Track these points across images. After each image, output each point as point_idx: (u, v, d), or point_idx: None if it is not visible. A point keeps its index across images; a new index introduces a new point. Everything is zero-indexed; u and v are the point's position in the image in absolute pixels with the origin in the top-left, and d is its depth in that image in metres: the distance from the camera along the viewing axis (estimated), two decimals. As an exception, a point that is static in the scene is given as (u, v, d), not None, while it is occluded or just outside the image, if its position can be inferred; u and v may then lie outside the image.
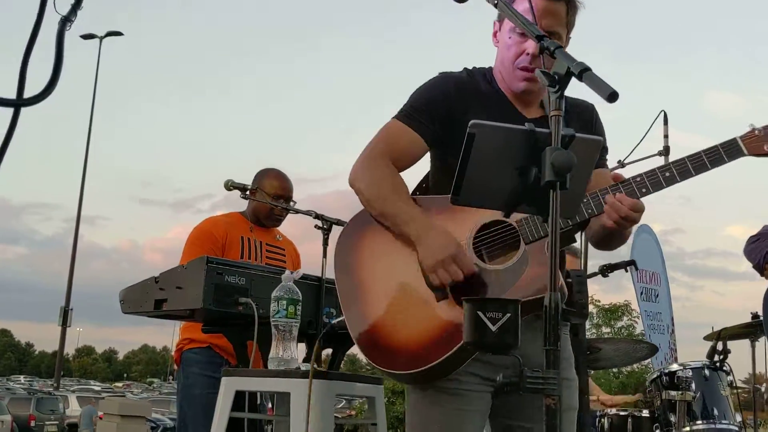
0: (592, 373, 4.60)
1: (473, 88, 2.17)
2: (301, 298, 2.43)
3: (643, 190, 1.94)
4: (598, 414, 4.23)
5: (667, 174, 1.92)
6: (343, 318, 2.03)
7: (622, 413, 4.05)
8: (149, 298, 2.66)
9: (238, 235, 3.68)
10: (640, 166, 3.66)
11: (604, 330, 24.50)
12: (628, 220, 1.95)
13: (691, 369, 3.72)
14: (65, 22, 1.33)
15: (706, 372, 3.72)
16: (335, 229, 2.92)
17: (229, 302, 2.52)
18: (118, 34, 28.05)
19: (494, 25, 2.21)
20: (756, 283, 2.96)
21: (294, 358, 2.36)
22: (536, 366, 2.01)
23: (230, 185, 3.41)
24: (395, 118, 2.17)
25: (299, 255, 3.95)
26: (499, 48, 2.18)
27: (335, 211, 3.08)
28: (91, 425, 17.44)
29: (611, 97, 1.56)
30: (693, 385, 3.66)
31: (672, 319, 6.99)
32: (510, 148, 1.65)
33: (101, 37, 27.33)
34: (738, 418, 3.75)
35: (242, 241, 3.68)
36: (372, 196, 2.09)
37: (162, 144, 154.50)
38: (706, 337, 4.05)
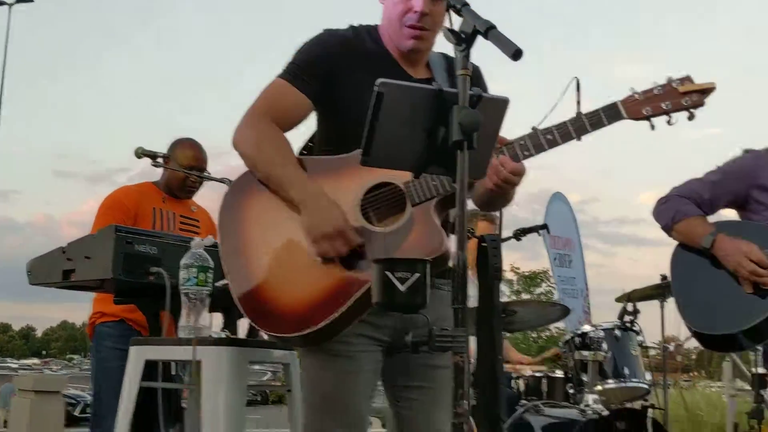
0: (509, 335, 4.69)
1: (358, 47, 2.13)
2: (212, 266, 2.38)
3: (526, 153, 1.95)
4: (514, 375, 4.33)
5: (549, 137, 1.94)
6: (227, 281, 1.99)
7: (537, 374, 4.16)
8: (57, 269, 2.57)
9: (150, 206, 3.59)
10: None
11: (525, 296, 25.12)
12: (509, 183, 1.98)
13: (603, 330, 3.83)
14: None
15: (617, 332, 3.83)
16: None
17: (139, 272, 2.45)
18: (29, 0, 26.87)
19: None
20: (667, 247, 3.06)
21: (206, 326, 2.32)
22: (418, 325, 2.03)
23: (140, 153, 3.30)
24: (279, 77, 2.11)
25: (215, 225, 3.88)
26: (385, 5, 2.13)
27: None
28: (9, 404, 16.92)
29: (516, 54, 1.56)
30: (604, 346, 3.77)
31: (586, 284, 7.20)
32: (418, 108, 1.64)
33: (10, 4, 26.16)
34: (648, 377, 3.89)
35: (154, 212, 3.59)
36: (256, 158, 2.04)
37: (77, 115, 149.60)
38: (618, 299, 4.17)
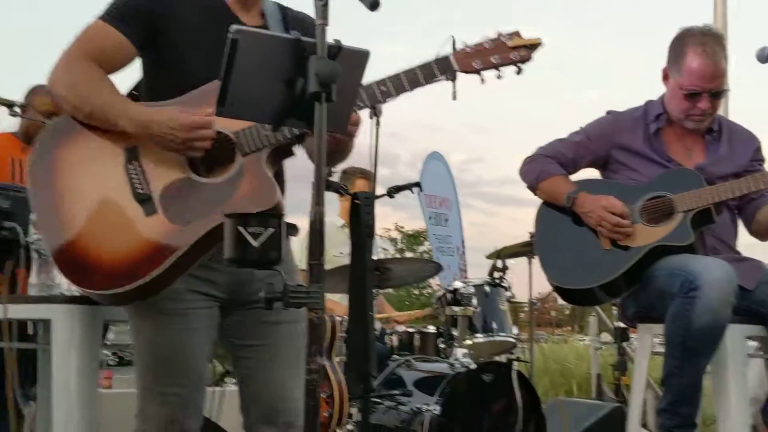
0: (383, 292, 4.73)
1: None
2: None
3: (360, 104, 1.93)
4: (388, 331, 4.38)
5: (383, 88, 1.92)
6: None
7: (410, 330, 4.21)
8: None
9: (7, 157, 3.42)
10: (427, 89, 3.72)
11: (408, 254, 25.59)
12: (349, 135, 1.96)
13: (473, 286, 3.90)
14: None
15: (487, 288, 3.91)
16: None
17: (-11, 226, 2.31)
18: None
19: None
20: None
21: (57, 283, 2.21)
22: (244, 280, 2.00)
23: None
24: (99, 19, 1.98)
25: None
26: None
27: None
28: None
29: (373, 5, 1.54)
30: (474, 301, 3.85)
31: (463, 242, 7.35)
32: (275, 57, 1.58)
33: None
34: (515, 331, 4.01)
35: (12, 163, 3.41)
36: (77, 98, 1.91)
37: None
38: (488, 256, 4.27)
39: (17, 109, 3.24)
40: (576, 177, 3.08)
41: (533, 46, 1.99)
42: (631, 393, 3.08)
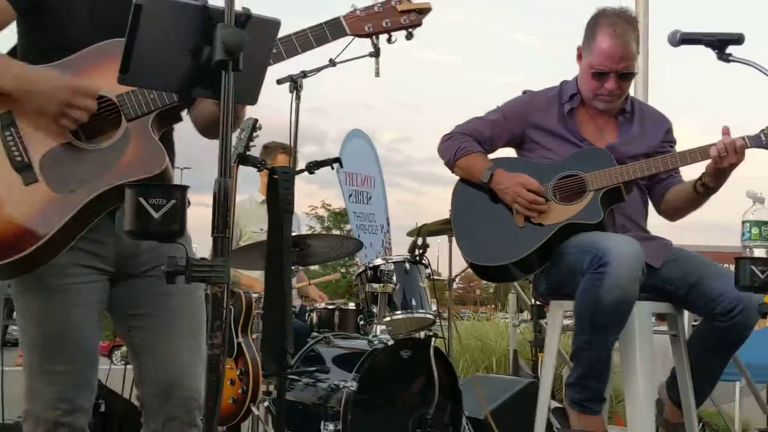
0: (302, 269, 4.71)
1: None
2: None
3: None
4: (308, 308, 4.36)
5: (275, 51, 1.91)
6: None
7: (330, 307, 4.21)
8: None
9: None
10: (352, 64, 3.69)
11: (335, 232, 25.51)
12: None
13: (393, 263, 3.91)
14: None
15: (407, 265, 3.93)
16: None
17: None
18: None
19: None
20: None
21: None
22: (131, 252, 1.96)
23: None
24: None
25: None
26: None
27: None
28: None
29: None
30: (394, 278, 3.86)
31: (387, 220, 7.35)
32: (181, 24, 1.54)
33: None
34: (434, 308, 4.04)
35: None
36: None
37: None
38: (409, 233, 4.28)
39: None
40: (493, 156, 3.11)
41: (423, 11, 2.00)
42: (541, 367, 3.15)
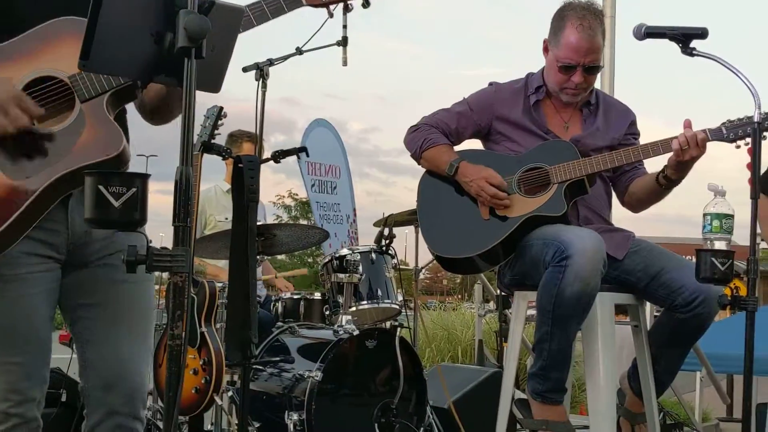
0: (267, 259, 4.69)
1: None
2: None
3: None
4: (273, 298, 4.35)
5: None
6: None
7: (296, 296, 4.19)
8: None
9: None
10: (317, 54, 3.68)
11: (303, 222, 25.46)
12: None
13: (360, 253, 3.91)
14: None
15: (373, 256, 3.92)
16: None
17: None
18: None
19: None
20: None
21: None
22: (83, 240, 1.91)
23: None
24: None
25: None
26: None
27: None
28: None
29: None
30: (360, 268, 3.86)
31: (354, 210, 7.34)
32: (144, 10, 1.52)
33: None
34: (399, 298, 4.05)
35: None
36: None
37: None
38: (375, 224, 4.28)
39: None
40: (459, 147, 3.12)
41: None
42: (505, 357, 3.17)
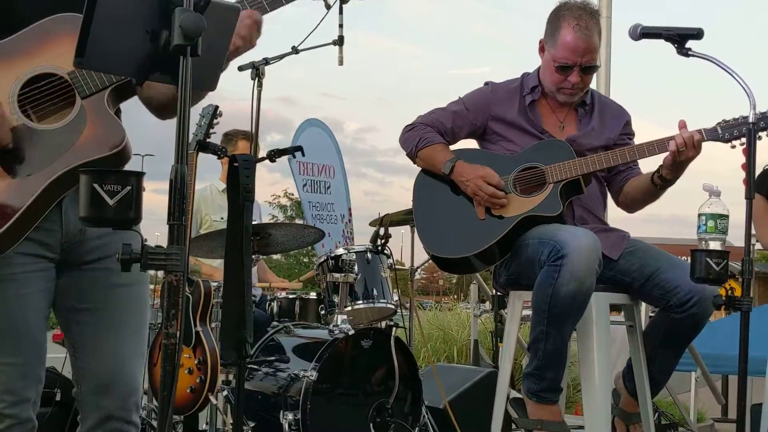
0: (264, 258, 4.69)
1: None
2: None
3: None
4: (268, 298, 4.34)
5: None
6: None
7: (291, 296, 4.19)
8: None
9: None
10: (314, 53, 3.68)
11: (298, 221, 25.44)
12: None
13: (355, 253, 3.90)
14: None
15: (369, 255, 3.92)
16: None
17: None
18: None
19: None
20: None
21: None
22: (77, 240, 1.88)
23: None
24: None
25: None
26: None
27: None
28: None
29: None
30: (356, 268, 3.86)
31: (349, 210, 7.33)
32: (139, 7, 1.51)
33: None
34: (395, 297, 4.04)
35: None
36: None
37: None
38: (371, 223, 4.28)
39: None
40: (455, 147, 3.12)
41: None
42: (501, 357, 3.17)
